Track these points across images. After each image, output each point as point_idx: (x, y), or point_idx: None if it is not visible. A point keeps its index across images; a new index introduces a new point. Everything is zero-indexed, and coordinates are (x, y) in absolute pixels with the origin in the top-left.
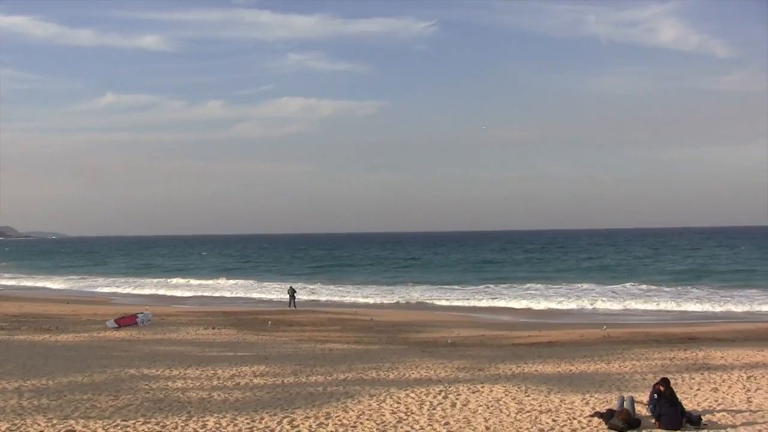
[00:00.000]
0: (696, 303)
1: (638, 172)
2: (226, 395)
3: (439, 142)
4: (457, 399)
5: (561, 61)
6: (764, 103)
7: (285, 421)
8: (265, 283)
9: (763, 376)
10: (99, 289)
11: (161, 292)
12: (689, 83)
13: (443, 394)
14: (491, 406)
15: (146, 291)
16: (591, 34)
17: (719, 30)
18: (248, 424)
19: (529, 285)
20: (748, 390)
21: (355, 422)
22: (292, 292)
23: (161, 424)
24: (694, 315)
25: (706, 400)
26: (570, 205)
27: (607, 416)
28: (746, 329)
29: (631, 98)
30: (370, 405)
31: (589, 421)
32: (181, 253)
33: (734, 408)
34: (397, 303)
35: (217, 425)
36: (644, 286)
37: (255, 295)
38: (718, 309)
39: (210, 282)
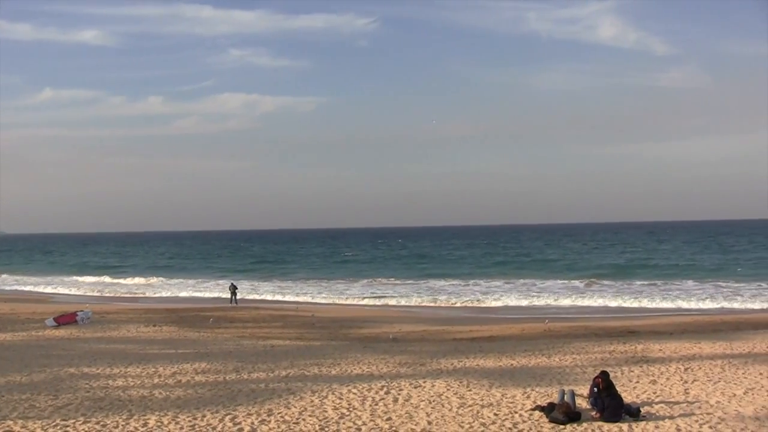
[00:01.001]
0: (634, 297)
1: (579, 168)
2: (168, 393)
3: (380, 138)
4: (399, 394)
5: (503, 57)
6: (701, 99)
7: (227, 418)
8: (205, 280)
9: (700, 368)
10: (37, 288)
11: (100, 289)
12: (628, 80)
13: (385, 389)
14: (433, 400)
15: (85, 289)
16: (532, 30)
17: (657, 28)
18: (190, 421)
19: (470, 281)
20: (686, 382)
21: (297, 418)
22: (233, 288)
23: (102, 423)
24: (632, 309)
25: (645, 392)
26: (511, 200)
27: (548, 409)
28: (684, 322)
29: (572, 94)
30: (312, 401)
31: (531, 414)
32: (120, 251)
33: (672, 399)
34: (339, 299)
35: (159, 423)
36: (582, 281)
37: (196, 293)
38: (655, 304)
39: (150, 279)
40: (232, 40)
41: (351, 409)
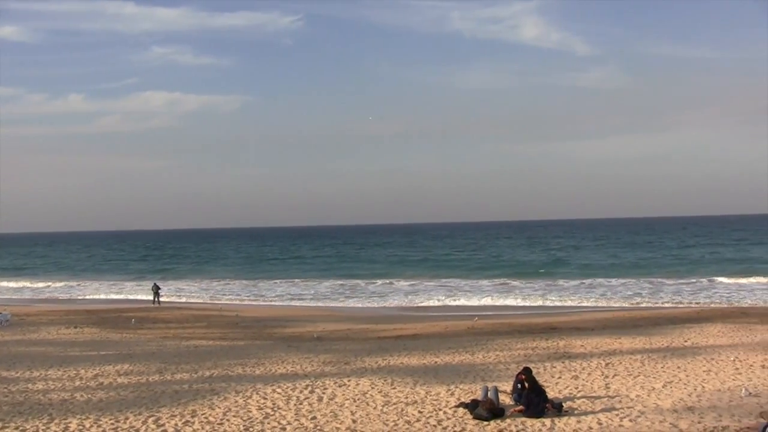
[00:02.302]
0: (558, 295)
1: (501, 166)
2: (89, 396)
3: (304, 137)
4: (323, 393)
5: (426, 56)
6: (620, 99)
7: (150, 420)
8: (126, 280)
9: (620, 363)
10: None
11: (18, 291)
12: (550, 80)
13: (310, 388)
14: (358, 399)
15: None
16: (455, 30)
17: (579, 28)
18: (112, 424)
19: (393, 280)
20: (607, 377)
21: (221, 419)
22: (156, 289)
23: (21, 428)
24: (555, 306)
25: (567, 387)
26: (434, 198)
27: (471, 406)
28: (604, 318)
29: (495, 93)
30: (236, 401)
31: (455, 411)
32: (34, 252)
33: (594, 394)
34: (263, 298)
35: (80, 427)
36: (502, 279)
37: (117, 294)
38: (576, 301)
39: (69, 281)
40: (155, 37)
41: (275, 409)
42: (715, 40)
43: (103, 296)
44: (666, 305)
